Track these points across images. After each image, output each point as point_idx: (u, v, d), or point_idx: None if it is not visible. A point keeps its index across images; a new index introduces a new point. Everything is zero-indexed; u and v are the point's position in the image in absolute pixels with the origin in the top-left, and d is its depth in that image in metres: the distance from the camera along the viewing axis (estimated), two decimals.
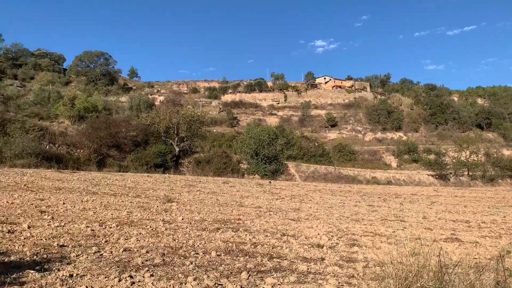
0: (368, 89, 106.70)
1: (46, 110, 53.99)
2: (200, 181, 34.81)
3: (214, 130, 67.21)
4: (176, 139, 49.21)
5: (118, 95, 78.01)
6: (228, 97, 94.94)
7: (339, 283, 6.24)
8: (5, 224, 9.86)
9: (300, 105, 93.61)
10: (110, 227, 10.63)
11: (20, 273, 5.33)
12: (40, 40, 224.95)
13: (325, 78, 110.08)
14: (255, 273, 6.58)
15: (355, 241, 11.37)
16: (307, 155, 60.97)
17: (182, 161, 49.07)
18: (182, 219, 13.59)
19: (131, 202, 17.50)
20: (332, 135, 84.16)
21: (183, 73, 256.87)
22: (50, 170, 32.39)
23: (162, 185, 28.53)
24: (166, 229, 11.14)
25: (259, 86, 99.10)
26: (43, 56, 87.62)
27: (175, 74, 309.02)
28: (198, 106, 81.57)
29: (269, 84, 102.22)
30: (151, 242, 8.87)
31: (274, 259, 7.89)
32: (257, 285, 5.76)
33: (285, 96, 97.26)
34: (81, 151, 40.47)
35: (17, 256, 6.51)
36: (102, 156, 40.91)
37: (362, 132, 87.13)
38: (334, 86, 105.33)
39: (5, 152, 33.50)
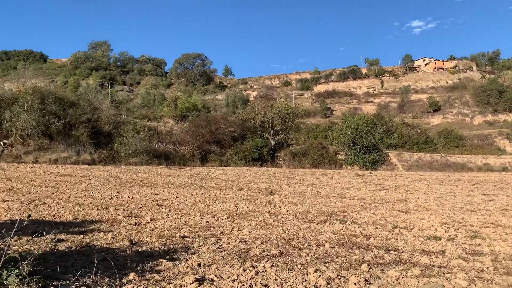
0: (474, 68, 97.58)
1: (153, 112, 58.35)
2: (297, 173, 34.97)
3: (308, 122, 66.87)
4: (271, 132, 49.98)
5: (215, 93, 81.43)
6: (320, 88, 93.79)
7: (469, 277, 5.79)
8: (131, 217, 10.85)
9: (398, 90, 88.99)
10: (222, 219, 11.12)
11: (155, 262, 5.81)
12: (143, 47, 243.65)
13: (424, 60, 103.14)
14: (375, 265, 6.39)
15: (476, 233, 10.48)
16: (408, 143, 57.84)
17: (278, 154, 49.71)
18: (287, 211, 13.73)
19: (236, 195, 18.16)
20: (436, 120, 78.66)
21: (274, 67, 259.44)
22: (160, 166, 35.01)
23: (262, 178, 29.19)
24: (273, 221, 11.34)
25: (352, 73, 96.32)
26: (147, 62, 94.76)
27: (267, 69, 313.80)
28: (290, 98, 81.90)
29: (364, 70, 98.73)
30: (263, 234, 9.10)
31: (391, 252, 7.60)
32: (380, 278, 5.59)
33: (382, 82, 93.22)
34: (186, 148, 43.11)
35: (148, 246, 7.11)
36: (205, 152, 43.11)
37: (470, 116, 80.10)
38: (435, 68, 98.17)
39: (121, 152, 36.91)
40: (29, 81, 41.17)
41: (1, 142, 33.56)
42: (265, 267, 5.84)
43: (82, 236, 7.69)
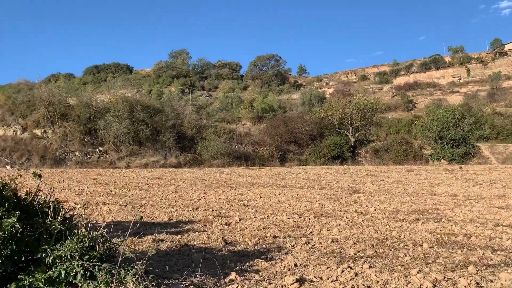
0: None
1: (231, 114, 59.90)
2: (381, 171, 33.74)
3: (389, 116, 64.21)
4: (350, 129, 48.81)
5: (290, 93, 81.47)
6: (400, 80, 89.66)
7: None
8: (221, 217, 11.20)
9: (487, 78, 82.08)
10: (309, 219, 11.04)
11: (252, 262, 5.92)
12: (220, 52, 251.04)
13: None
14: (483, 267, 5.92)
15: None
16: (502, 134, 53.07)
17: (359, 151, 48.41)
18: (375, 210, 13.28)
19: (319, 194, 17.97)
20: None
21: (350, 62, 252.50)
22: (241, 167, 35.83)
23: (343, 176, 28.59)
24: (362, 220, 11.03)
25: (435, 63, 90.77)
26: (223, 66, 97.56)
27: (342, 65, 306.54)
28: (369, 93, 79.34)
29: (447, 59, 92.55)
30: (354, 234, 8.87)
31: (498, 252, 7.00)
32: (492, 281, 5.16)
33: (468, 70, 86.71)
34: (264, 148, 43.69)
35: (242, 246, 7.27)
36: (283, 152, 43.33)
37: None
38: None
39: (204, 154, 38.45)
40: (118, 91, 44.41)
41: (97, 150, 36.58)
42: (363, 268, 5.67)
43: (179, 236, 8.07)
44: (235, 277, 4.98)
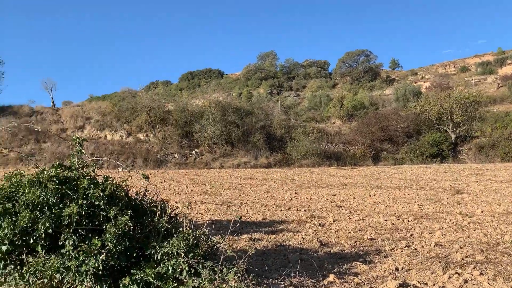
0: None
1: (320, 114, 59.23)
2: (487, 169, 30.89)
3: (495, 110, 58.57)
4: (450, 125, 45.42)
5: (382, 88, 78.28)
6: (507, 70, 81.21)
7: None
8: (314, 218, 11.12)
9: None
10: (408, 221, 10.49)
11: (350, 264, 5.77)
12: (307, 51, 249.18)
13: None
14: None
15: None
16: None
17: (460, 148, 44.88)
18: (482, 211, 12.19)
19: (417, 195, 17.01)
20: None
21: (447, 53, 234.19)
22: (331, 167, 35.28)
23: (444, 175, 26.72)
24: (468, 223, 10.18)
25: None
26: (311, 65, 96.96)
27: (439, 56, 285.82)
28: (470, 85, 73.19)
29: None
30: (460, 237, 8.22)
31: None
32: None
33: None
34: (356, 147, 42.52)
35: (338, 248, 7.13)
36: (376, 151, 41.76)
37: None
38: None
39: (293, 154, 38.57)
40: (211, 96, 46.40)
41: (194, 151, 38.60)
42: (473, 275, 5.22)
43: (274, 235, 8.17)
44: (333, 279, 4.89)
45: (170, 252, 4.19)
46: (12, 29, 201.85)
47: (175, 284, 4.05)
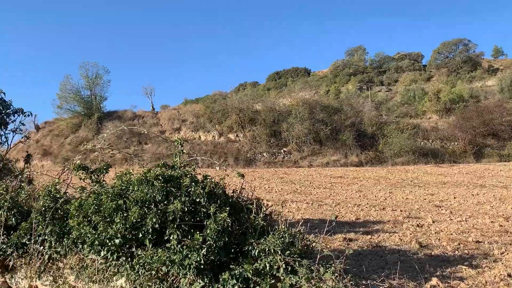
0: None
1: (414, 108, 56.11)
2: None
3: None
4: None
5: (484, 79, 71.80)
6: None
7: None
8: (411, 218, 10.59)
9: None
10: None
11: (454, 268, 5.40)
12: (398, 44, 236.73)
13: None
14: None
15: None
16: None
17: None
18: None
19: None
20: None
21: None
22: (428, 165, 33.30)
23: None
24: None
25: None
26: (403, 58, 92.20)
27: None
28: None
29: None
30: None
31: None
32: None
33: None
34: (455, 143, 39.61)
35: (439, 250, 6.71)
36: (478, 147, 38.47)
37: None
38: None
39: (386, 152, 37.03)
40: (298, 94, 46.41)
41: (282, 150, 38.92)
42: None
43: (369, 236, 7.93)
44: (437, 283, 4.60)
45: (267, 249, 4.27)
46: (118, 39, 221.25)
47: (273, 281, 4.12)
